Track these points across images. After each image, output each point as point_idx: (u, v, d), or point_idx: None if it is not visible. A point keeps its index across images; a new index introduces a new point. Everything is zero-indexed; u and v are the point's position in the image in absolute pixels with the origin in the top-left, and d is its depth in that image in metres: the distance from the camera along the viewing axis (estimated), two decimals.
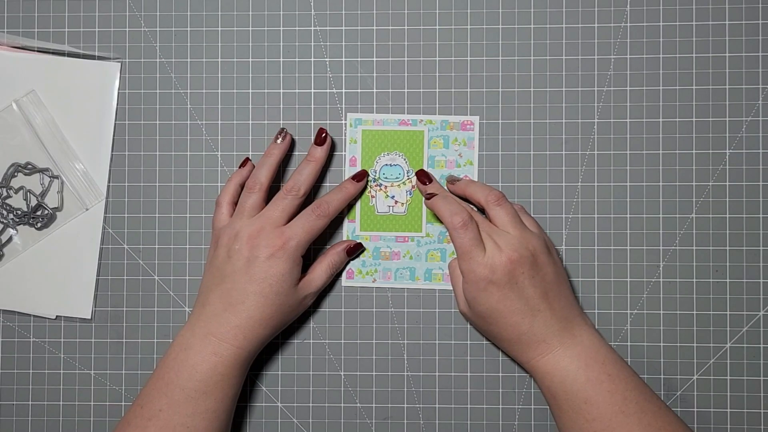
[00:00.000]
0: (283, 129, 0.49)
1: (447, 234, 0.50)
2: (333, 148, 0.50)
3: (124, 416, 0.44)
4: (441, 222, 0.49)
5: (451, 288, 0.49)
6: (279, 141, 0.48)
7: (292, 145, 0.50)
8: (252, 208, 0.46)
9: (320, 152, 0.48)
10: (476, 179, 0.50)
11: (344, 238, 0.50)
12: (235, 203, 0.48)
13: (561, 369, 0.43)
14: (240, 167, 0.49)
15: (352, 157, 0.50)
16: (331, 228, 0.50)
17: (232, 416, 0.46)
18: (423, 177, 0.49)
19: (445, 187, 0.49)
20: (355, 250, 0.49)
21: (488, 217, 0.46)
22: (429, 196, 0.47)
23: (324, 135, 0.48)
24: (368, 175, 0.49)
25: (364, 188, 0.49)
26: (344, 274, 0.50)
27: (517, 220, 0.45)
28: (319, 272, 0.47)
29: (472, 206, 0.48)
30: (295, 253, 0.45)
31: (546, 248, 0.45)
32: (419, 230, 0.50)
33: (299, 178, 0.47)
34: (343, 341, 0.50)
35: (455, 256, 0.47)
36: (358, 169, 0.50)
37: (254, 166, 0.48)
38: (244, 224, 0.45)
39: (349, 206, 0.50)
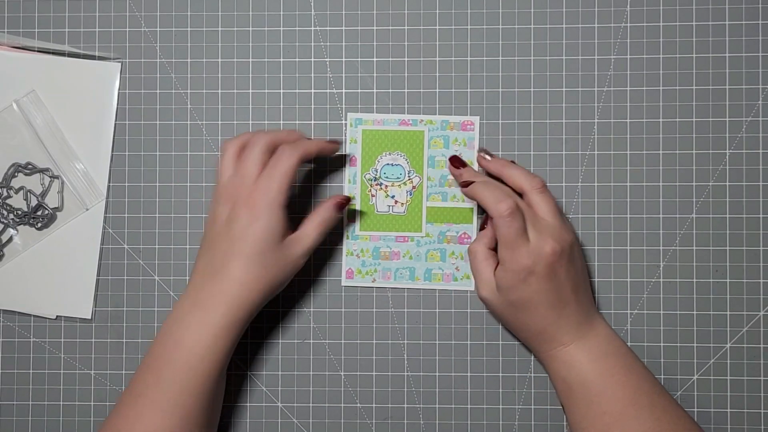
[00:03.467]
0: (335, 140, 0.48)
1: (447, 234, 0.50)
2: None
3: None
4: (438, 222, 0.49)
5: (451, 289, 0.49)
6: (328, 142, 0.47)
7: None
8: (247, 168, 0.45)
9: (319, 143, 0.46)
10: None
11: (343, 238, 0.50)
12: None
13: (578, 360, 0.44)
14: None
15: (352, 156, 0.50)
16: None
17: (222, 391, 0.45)
18: (456, 162, 0.48)
19: (476, 163, 0.49)
20: (345, 204, 0.47)
21: (528, 203, 0.45)
22: (466, 183, 0.46)
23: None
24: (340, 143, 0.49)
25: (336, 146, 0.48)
26: (344, 274, 0.50)
27: (557, 210, 0.45)
28: (309, 229, 0.45)
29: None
30: (272, 204, 0.43)
31: (578, 241, 0.46)
32: (419, 230, 0.50)
33: (287, 137, 0.45)
34: (343, 341, 0.50)
35: (475, 239, 0.47)
36: (358, 168, 0.50)
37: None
38: (222, 185, 0.44)
39: (350, 206, 0.50)
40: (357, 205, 0.50)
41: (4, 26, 0.51)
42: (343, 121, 0.50)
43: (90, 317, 0.50)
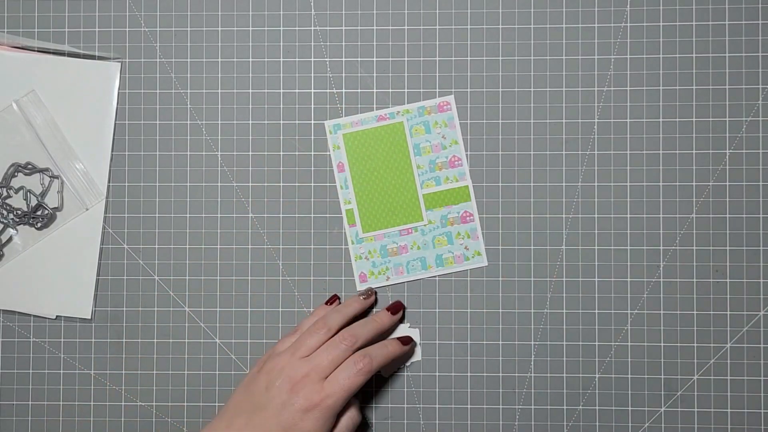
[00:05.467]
0: (370, 289, 0.49)
1: (449, 217, 0.50)
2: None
3: None
4: (437, 207, 0.49)
5: (464, 270, 0.49)
6: (362, 298, 0.48)
7: (288, 146, 0.50)
8: (310, 348, 0.45)
9: (386, 318, 0.48)
10: (465, 158, 0.50)
11: (349, 244, 0.50)
12: None
13: None
14: (327, 303, 0.49)
15: (339, 162, 0.50)
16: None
17: None
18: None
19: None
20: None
21: None
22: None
23: (397, 306, 0.49)
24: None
25: (408, 351, 0.49)
26: (357, 278, 0.50)
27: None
28: (341, 429, 0.45)
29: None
30: (330, 411, 0.43)
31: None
32: (420, 219, 0.50)
33: (358, 330, 0.46)
34: None
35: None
36: (347, 172, 0.50)
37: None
38: (292, 363, 0.44)
39: (347, 211, 0.50)
40: (354, 208, 0.50)
41: (4, 26, 0.51)
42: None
43: (90, 317, 0.50)
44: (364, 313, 0.49)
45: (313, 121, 0.50)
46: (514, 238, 0.50)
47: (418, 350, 0.50)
